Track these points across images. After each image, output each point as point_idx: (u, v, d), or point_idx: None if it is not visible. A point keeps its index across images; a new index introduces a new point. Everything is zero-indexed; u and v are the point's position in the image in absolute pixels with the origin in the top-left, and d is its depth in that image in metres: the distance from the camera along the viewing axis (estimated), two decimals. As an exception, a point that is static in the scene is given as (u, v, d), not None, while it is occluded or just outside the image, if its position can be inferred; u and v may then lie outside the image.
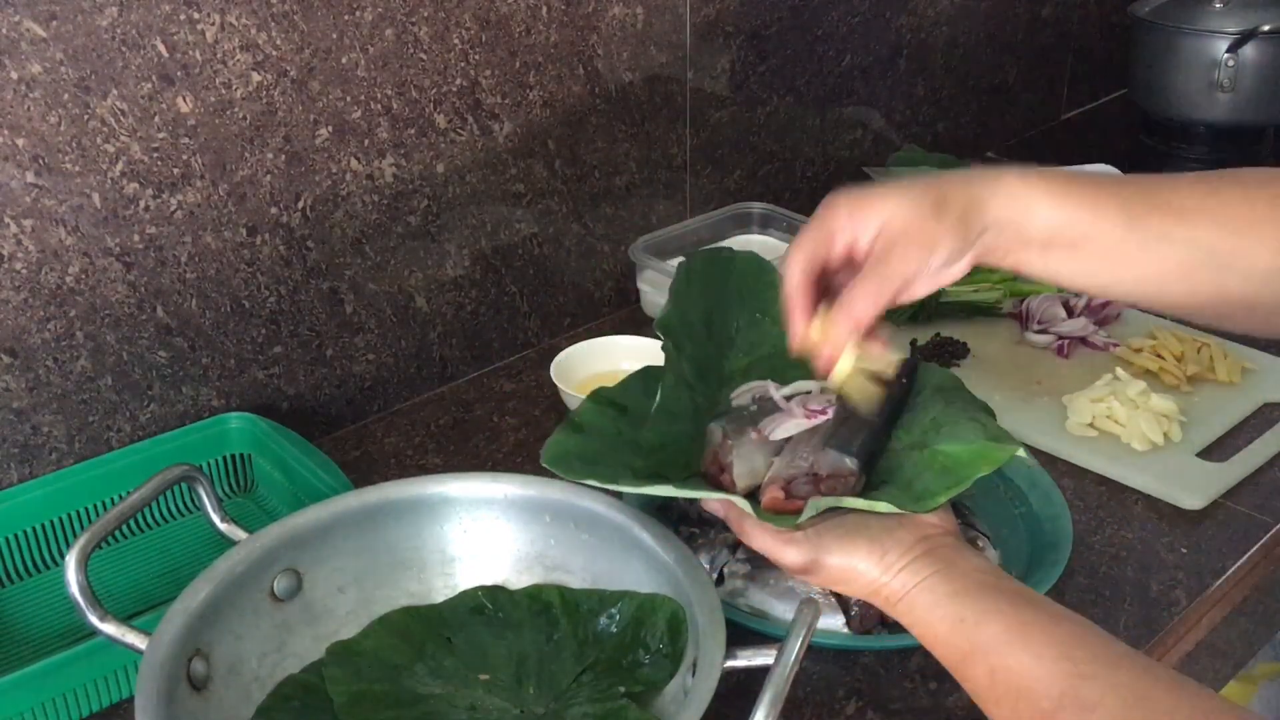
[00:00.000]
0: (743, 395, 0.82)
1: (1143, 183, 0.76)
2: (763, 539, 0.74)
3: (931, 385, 0.82)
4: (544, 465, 0.75)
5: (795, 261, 0.75)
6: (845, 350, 0.73)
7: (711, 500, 0.75)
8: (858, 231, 0.74)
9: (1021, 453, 0.74)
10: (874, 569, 0.71)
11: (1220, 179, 0.76)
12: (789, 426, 0.76)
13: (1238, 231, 0.73)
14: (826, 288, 0.76)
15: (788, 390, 0.81)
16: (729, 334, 0.90)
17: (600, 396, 0.83)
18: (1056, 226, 0.74)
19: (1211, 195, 0.75)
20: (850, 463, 0.72)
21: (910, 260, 0.72)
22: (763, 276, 0.93)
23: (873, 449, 0.75)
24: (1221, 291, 0.74)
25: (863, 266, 0.74)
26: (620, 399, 0.83)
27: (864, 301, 0.72)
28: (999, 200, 0.74)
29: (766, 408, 0.79)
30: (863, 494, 0.73)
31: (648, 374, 0.86)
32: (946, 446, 0.75)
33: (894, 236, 0.73)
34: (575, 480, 0.76)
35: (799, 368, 0.84)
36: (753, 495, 0.75)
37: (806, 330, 0.75)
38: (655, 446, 0.78)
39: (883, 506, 0.71)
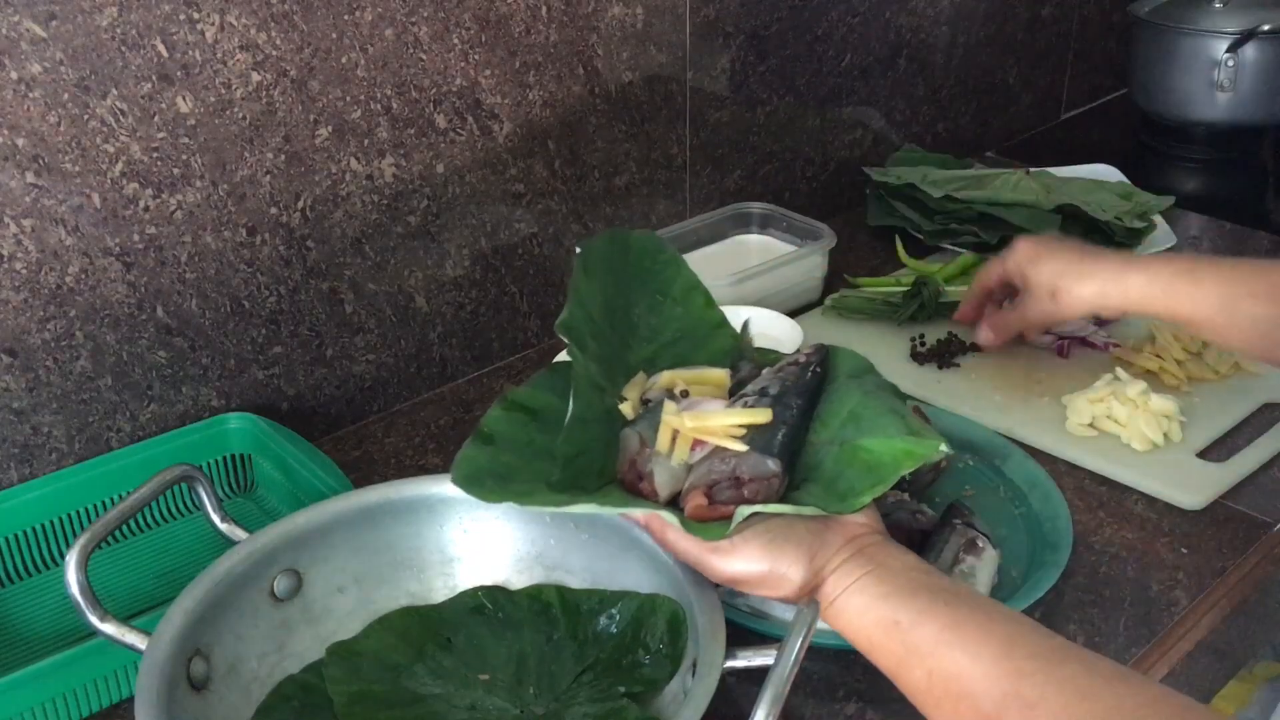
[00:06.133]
0: (655, 391, 0.80)
1: (1244, 269, 0.95)
2: (688, 549, 0.72)
3: (844, 372, 0.81)
4: (454, 484, 0.73)
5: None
6: None
7: (634, 513, 0.73)
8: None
9: (944, 448, 0.72)
10: (803, 574, 0.69)
11: None
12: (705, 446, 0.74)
13: None
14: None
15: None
16: (631, 321, 0.86)
17: (510, 401, 0.80)
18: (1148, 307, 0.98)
19: None
20: (773, 464, 0.71)
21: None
22: (660, 255, 0.90)
23: (793, 447, 0.74)
24: None
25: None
26: (530, 402, 0.80)
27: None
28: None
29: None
30: (785, 494, 0.72)
31: (555, 371, 0.83)
32: (868, 442, 0.73)
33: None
34: (491, 501, 0.74)
35: (703, 351, 0.84)
36: (673, 501, 0.73)
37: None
38: (571, 456, 0.75)
39: (810, 511, 0.69)
